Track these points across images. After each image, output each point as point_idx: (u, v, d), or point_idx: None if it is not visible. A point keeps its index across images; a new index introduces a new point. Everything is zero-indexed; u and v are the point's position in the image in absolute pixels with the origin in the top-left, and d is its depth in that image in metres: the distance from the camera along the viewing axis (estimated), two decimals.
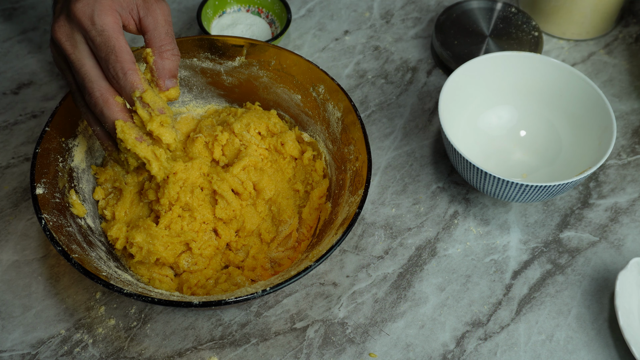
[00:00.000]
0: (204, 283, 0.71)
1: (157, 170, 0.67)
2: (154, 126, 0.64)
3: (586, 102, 0.80)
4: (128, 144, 0.64)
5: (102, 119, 0.64)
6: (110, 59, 0.61)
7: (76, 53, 0.63)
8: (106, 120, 0.63)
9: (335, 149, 0.76)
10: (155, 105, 0.63)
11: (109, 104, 0.63)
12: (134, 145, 0.64)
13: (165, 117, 0.64)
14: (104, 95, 0.63)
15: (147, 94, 0.63)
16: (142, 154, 0.65)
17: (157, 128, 0.64)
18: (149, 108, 0.63)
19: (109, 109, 0.63)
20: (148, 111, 0.63)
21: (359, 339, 0.71)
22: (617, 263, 0.77)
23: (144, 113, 0.63)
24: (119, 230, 0.70)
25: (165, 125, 0.64)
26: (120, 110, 0.63)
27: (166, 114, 0.64)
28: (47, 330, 0.70)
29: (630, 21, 1.01)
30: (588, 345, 0.71)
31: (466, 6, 0.95)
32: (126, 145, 0.64)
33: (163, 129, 0.64)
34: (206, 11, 0.93)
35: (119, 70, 0.61)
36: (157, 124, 0.64)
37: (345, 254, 0.76)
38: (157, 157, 0.66)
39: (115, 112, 0.63)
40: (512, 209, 0.81)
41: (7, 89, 0.89)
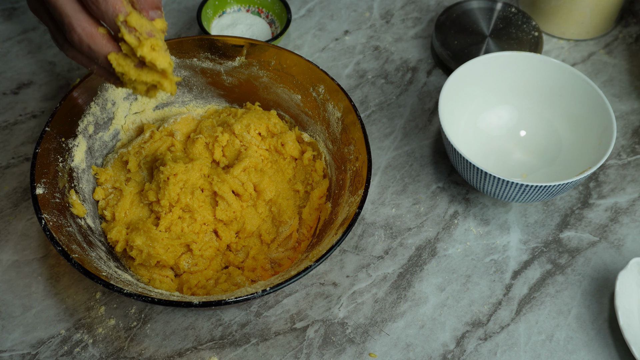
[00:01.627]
0: (204, 283, 0.71)
1: (171, 88, 0.61)
2: (145, 51, 0.57)
3: (586, 102, 0.80)
4: (131, 75, 0.59)
5: (93, 55, 0.58)
6: None
7: None
8: (97, 56, 0.58)
9: (335, 149, 0.76)
10: (142, 28, 0.57)
11: (94, 38, 0.57)
12: (137, 74, 0.59)
13: (156, 40, 0.57)
14: (87, 29, 0.57)
15: (131, 16, 0.56)
16: (150, 78, 0.60)
17: (149, 52, 0.58)
18: (136, 32, 0.57)
19: (95, 43, 0.57)
20: (136, 36, 0.57)
21: (359, 339, 0.71)
22: (617, 263, 0.77)
23: (132, 38, 0.57)
24: (119, 232, 0.70)
25: (157, 49, 0.58)
26: (108, 42, 0.57)
27: (156, 36, 0.58)
28: (47, 330, 0.70)
29: (630, 21, 1.01)
30: (588, 345, 0.71)
31: (466, 6, 0.95)
32: (129, 77, 0.59)
33: (155, 53, 0.58)
34: (206, 11, 0.93)
35: None
36: (148, 48, 0.57)
37: (345, 254, 0.76)
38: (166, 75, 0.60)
39: (104, 45, 0.57)
40: (512, 209, 0.81)
41: (7, 89, 0.89)
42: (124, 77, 0.59)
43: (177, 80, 0.62)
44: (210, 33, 0.92)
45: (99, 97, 0.75)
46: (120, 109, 0.78)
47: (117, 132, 0.79)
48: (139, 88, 0.61)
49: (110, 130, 0.78)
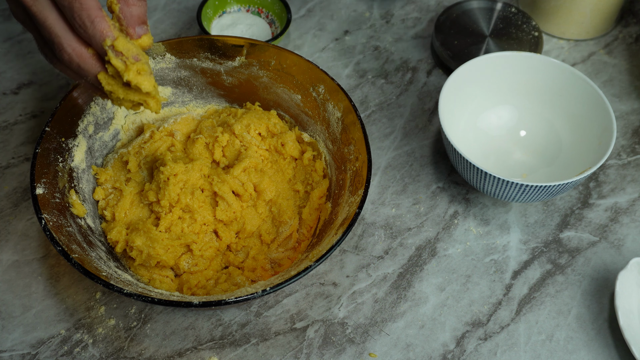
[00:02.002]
0: (204, 284, 0.71)
1: (156, 107, 0.63)
2: (131, 76, 0.59)
3: (586, 102, 0.80)
4: (119, 94, 0.61)
5: (82, 73, 0.60)
6: (74, 7, 0.56)
7: (37, 5, 0.57)
8: (87, 75, 0.60)
9: (335, 149, 0.76)
10: (129, 52, 0.59)
11: (84, 58, 0.59)
12: (125, 94, 0.61)
13: (141, 65, 0.60)
14: (77, 49, 0.58)
15: (118, 41, 0.58)
16: (137, 98, 0.62)
17: (135, 77, 0.59)
18: (122, 56, 0.58)
19: (85, 63, 0.59)
20: (122, 60, 0.59)
21: (359, 339, 0.71)
22: (617, 263, 0.77)
23: (119, 63, 0.59)
24: (119, 233, 0.70)
25: (142, 73, 0.60)
26: (97, 62, 0.59)
27: (142, 60, 0.60)
28: (47, 330, 0.70)
29: (630, 21, 1.01)
30: (588, 345, 0.71)
31: (466, 6, 0.95)
32: (117, 95, 0.61)
33: (141, 77, 0.60)
34: (206, 11, 0.93)
35: (86, 19, 0.56)
36: (134, 73, 0.59)
37: (345, 254, 0.76)
38: (152, 95, 0.62)
39: (93, 65, 0.59)
40: (512, 209, 0.81)
41: (7, 89, 0.89)
42: (112, 95, 0.61)
43: (163, 100, 0.64)
44: (210, 33, 0.92)
45: (98, 97, 0.75)
46: (120, 109, 0.78)
47: (117, 132, 0.79)
48: (125, 105, 0.63)
49: (110, 130, 0.78)
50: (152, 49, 0.77)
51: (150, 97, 0.62)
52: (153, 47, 0.77)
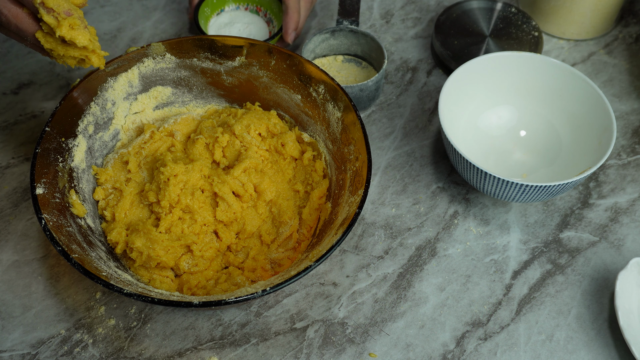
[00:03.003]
0: (205, 284, 0.71)
1: (98, 61, 0.65)
2: (63, 31, 0.61)
3: (586, 102, 0.80)
4: (59, 51, 0.62)
5: (22, 34, 0.62)
6: None
7: None
8: (25, 35, 0.61)
9: (335, 149, 0.76)
10: (59, 8, 0.60)
11: (20, 18, 0.60)
12: (65, 50, 0.62)
13: (73, 19, 0.61)
14: (12, 10, 0.60)
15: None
16: (78, 53, 0.63)
17: (68, 32, 0.61)
18: (54, 12, 0.60)
19: (22, 22, 0.60)
20: (54, 16, 0.60)
21: (359, 339, 0.71)
22: (617, 263, 0.77)
23: (50, 19, 0.60)
24: (119, 234, 0.70)
25: (75, 28, 0.61)
26: (34, 21, 0.61)
27: (74, 15, 0.61)
28: (47, 330, 0.70)
29: (630, 21, 1.01)
30: (588, 345, 0.71)
31: (466, 6, 0.95)
32: (58, 52, 0.63)
33: (74, 32, 0.61)
34: (204, 9, 0.93)
35: None
36: (66, 28, 0.61)
37: (345, 254, 0.76)
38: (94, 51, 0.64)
39: (30, 24, 0.61)
40: (512, 209, 0.81)
41: (7, 89, 0.89)
42: (53, 53, 0.63)
43: (104, 55, 0.65)
44: (208, 31, 0.92)
45: (99, 97, 0.75)
46: (120, 109, 0.78)
47: (117, 132, 0.79)
48: (69, 62, 0.64)
49: (110, 130, 0.78)
50: (152, 49, 0.77)
51: (90, 51, 0.63)
52: (153, 47, 0.77)
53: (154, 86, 0.80)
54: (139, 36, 0.96)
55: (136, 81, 0.78)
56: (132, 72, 0.77)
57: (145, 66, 0.78)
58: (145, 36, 0.96)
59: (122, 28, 0.97)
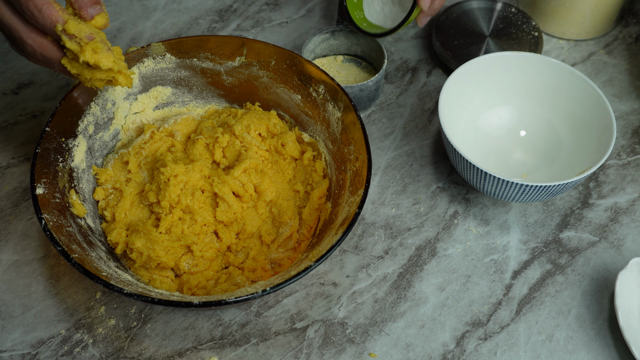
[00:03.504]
0: (205, 284, 0.71)
1: (126, 82, 0.65)
2: (87, 56, 0.60)
3: (586, 102, 0.80)
4: (86, 75, 0.62)
5: (49, 62, 0.62)
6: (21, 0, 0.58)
7: None
8: (53, 63, 0.62)
9: (335, 149, 0.76)
10: (81, 33, 0.60)
11: (44, 47, 0.61)
12: (91, 74, 0.62)
13: (95, 43, 0.61)
14: (36, 40, 0.60)
15: (69, 24, 0.59)
16: (105, 75, 0.63)
17: (92, 56, 0.61)
18: (76, 38, 0.60)
19: (47, 51, 0.61)
20: (76, 42, 0.60)
21: (359, 339, 0.71)
22: (617, 263, 0.77)
23: (73, 45, 0.60)
24: (119, 234, 0.70)
25: (98, 51, 0.61)
26: (57, 48, 0.61)
27: (96, 39, 0.61)
28: (47, 330, 0.70)
29: (630, 21, 1.01)
30: (588, 345, 0.71)
31: (466, 6, 0.95)
32: (85, 76, 0.63)
33: (98, 55, 0.61)
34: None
35: (33, 9, 0.58)
36: (90, 53, 0.61)
37: (345, 254, 0.76)
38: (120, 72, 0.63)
39: (55, 52, 0.61)
40: (512, 209, 0.81)
41: (7, 89, 0.89)
42: (80, 77, 0.63)
43: (131, 74, 0.65)
44: None
45: (99, 97, 0.75)
46: (120, 109, 0.78)
47: (117, 132, 0.79)
48: (97, 84, 0.64)
49: (110, 130, 0.78)
50: (152, 49, 0.77)
51: (116, 73, 0.63)
52: (153, 47, 0.77)
53: (154, 86, 0.80)
54: (139, 36, 0.96)
55: (136, 81, 0.78)
56: (132, 72, 0.77)
57: (145, 66, 0.78)
58: (145, 36, 0.96)
59: (122, 28, 0.97)
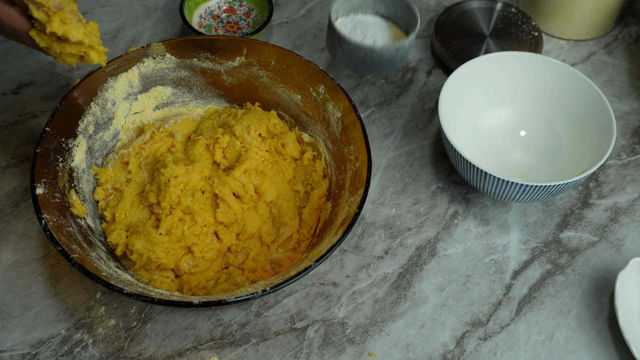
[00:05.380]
0: (205, 284, 0.71)
1: (98, 58, 0.62)
2: (54, 26, 0.57)
3: (586, 102, 0.80)
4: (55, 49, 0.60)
5: (16, 34, 0.59)
6: None
7: None
8: (21, 35, 0.59)
9: (335, 149, 0.76)
10: (49, 2, 0.57)
11: (12, 17, 0.58)
12: (61, 47, 0.60)
13: (64, 13, 0.57)
14: (4, 10, 0.58)
15: None
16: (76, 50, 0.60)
17: (59, 27, 0.58)
18: (43, 7, 0.57)
19: (14, 21, 0.58)
20: (44, 11, 0.57)
21: (359, 339, 0.71)
22: (617, 263, 0.77)
23: (40, 14, 0.57)
24: (119, 236, 0.70)
25: (67, 22, 0.58)
26: (25, 19, 0.58)
27: (65, 8, 0.58)
28: (47, 330, 0.70)
29: (630, 21, 1.01)
30: (588, 345, 0.71)
31: (466, 6, 0.95)
32: (55, 50, 0.60)
33: (66, 26, 0.58)
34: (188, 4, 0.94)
35: None
36: (57, 23, 0.57)
37: (345, 254, 0.76)
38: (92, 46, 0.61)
39: (23, 23, 0.58)
40: (512, 209, 0.81)
41: (7, 89, 0.89)
42: (50, 51, 0.60)
43: (105, 50, 0.62)
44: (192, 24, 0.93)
45: (99, 97, 0.75)
46: (120, 109, 0.78)
47: (117, 132, 0.79)
48: (68, 60, 0.61)
49: (110, 130, 0.78)
50: (152, 49, 0.77)
51: (87, 47, 0.60)
52: (153, 47, 0.77)
53: (154, 86, 0.80)
54: (139, 36, 0.96)
55: (136, 81, 0.78)
56: (132, 72, 0.77)
57: (145, 66, 0.78)
58: (145, 36, 0.96)
59: (122, 28, 0.97)
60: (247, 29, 0.95)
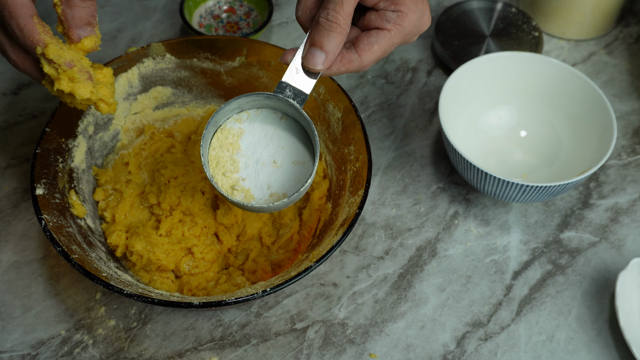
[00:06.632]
0: (205, 285, 0.71)
1: (107, 109, 0.62)
2: (62, 85, 0.58)
3: (586, 102, 0.80)
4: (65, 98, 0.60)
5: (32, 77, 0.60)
6: (4, 16, 0.55)
7: None
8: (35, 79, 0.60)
9: (336, 149, 0.76)
10: (60, 59, 0.57)
11: (26, 65, 0.59)
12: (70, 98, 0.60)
13: (73, 72, 0.58)
14: (19, 56, 0.58)
15: (49, 48, 0.56)
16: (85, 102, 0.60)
17: (67, 85, 0.58)
18: (54, 64, 0.57)
19: (29, 69, 0.59)
20: (54, 67, 0.57)
21: (359, 340, 0.71)
22: (617, 263, 0.77)
23: (51, 70, 0.57)
24: (119, 237, 0.70)
25: (76, 81, 0.58)
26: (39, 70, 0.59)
27: (76, 67, 0.58)
28: (47, 330, 0.70)
29: (630, 21, 1.00)
30: (588, 345, 0.71)
31: (466, 6, 0.95)
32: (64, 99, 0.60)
33: (75, 85, 0.58)
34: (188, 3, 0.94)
35: (15, 28, 0.55)
36: (66, 82, 0.58)
37: (345, 254, 0.76)
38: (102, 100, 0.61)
39: (36, 73, 0.59)
40: (513, 210, 0.81)
41: (7, 89, 0.89)
42: (61, 98, 0.60)
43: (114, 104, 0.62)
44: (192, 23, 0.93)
45: None
46: (120, 109, 0.78)
47: (117, 132, 0.79)
48: (79, 107, 0.62)
49: (110, 131, 0.78)
50: (152, 49, 0.77)
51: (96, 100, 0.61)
52: (153, 47, 0.77)
53: (154, 86, 0.80)
54: (139, 36, 0.96)
55: (136, 81, 0.78)
56: (132, 72, 0.77)
57: (145, 66, 0.78)
58: (145, 36, 0.96)
59: (122, 28, 0.97)
60: (247, 29, 0.95)
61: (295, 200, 0.60)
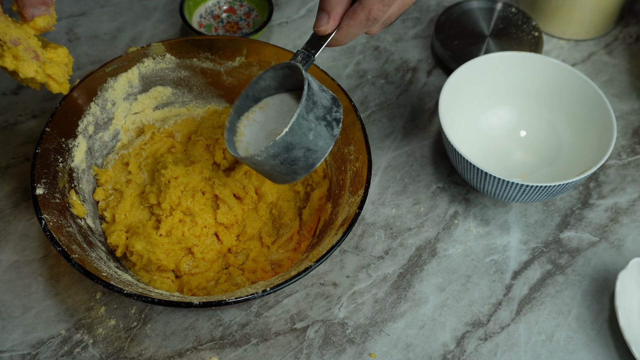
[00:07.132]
0: (205, 285, 0.71)
1: (58, 88, 0.62)
2: (6, 62, 0.58)
3: (586, 102, 0.80)
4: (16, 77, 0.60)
5: None
6: None
7: None
8: None
9: (336, 149, 0.76)
10: (6, 36, 0.57)
11: None
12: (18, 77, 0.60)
13: (18, 49, 0.58)
14: None
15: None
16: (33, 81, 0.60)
17: (11, 63, 0.58)
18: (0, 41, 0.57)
19: None
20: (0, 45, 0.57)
21: (359, 339, 0.71)
22: (617, 263, 0.77)
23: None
24: (119, 237, 0.70)
25: (20, 59, 0.58)
26: None
27: (21, 45, 0.58)
28: (47, 330, 0.70)
29: (630, 21, 1.01)
30: (588, 345, 0.71)
31: (466, 6, 0.95)
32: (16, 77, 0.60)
33: (19, 63, 0.58)
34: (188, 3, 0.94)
35: None
36: (9, 59, 0.58)
37: (345, 254, 0.76)
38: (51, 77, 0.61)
39: None
40: (512, 209, 0.81)
41: (7, 89, 0.89)
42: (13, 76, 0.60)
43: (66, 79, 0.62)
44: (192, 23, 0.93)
45: (98, 97, 0.75)
46: (120, 109, 0.78)
47: (117, 132, 0.79)
48: (31, 85, 0.62)
49: (110, 131, 0.78)
50: (152, 49, 0.77)
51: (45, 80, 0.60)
52: (153, 47, 0.77)
53: (154, 86, 0.80)
54: (139, 36, 0.96)
55: (136, 81, 0.78)
56: (132, 72, 0.77)
57: (145, 66, 0.78)
58: (145, 36, 0.96)
59: (122, 28, 0.97)
60: (247, 29, 0.95)
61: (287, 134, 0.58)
